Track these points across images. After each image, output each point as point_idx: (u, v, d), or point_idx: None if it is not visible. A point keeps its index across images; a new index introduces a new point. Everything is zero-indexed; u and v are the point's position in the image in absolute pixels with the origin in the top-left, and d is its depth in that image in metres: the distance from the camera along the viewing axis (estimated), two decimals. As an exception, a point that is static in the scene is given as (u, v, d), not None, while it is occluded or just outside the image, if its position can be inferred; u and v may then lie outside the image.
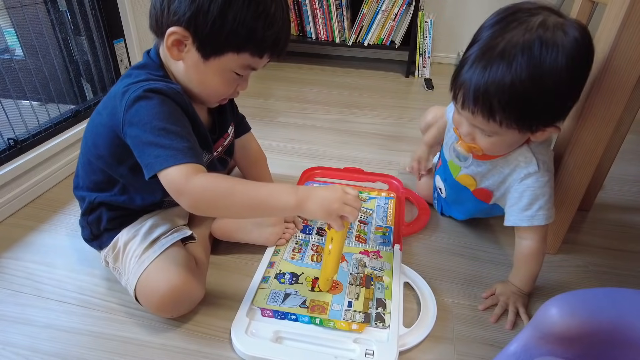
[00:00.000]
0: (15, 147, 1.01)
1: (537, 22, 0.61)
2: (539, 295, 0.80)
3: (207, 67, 0.66)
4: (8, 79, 1.01)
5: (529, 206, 0.74)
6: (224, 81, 0.69)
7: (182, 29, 0.62)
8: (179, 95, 0.65)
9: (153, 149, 0.61)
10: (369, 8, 1.96)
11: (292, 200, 0.62)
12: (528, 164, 0.73)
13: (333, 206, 0.62)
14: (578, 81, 0.65)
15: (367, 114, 1.63)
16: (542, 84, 0.61)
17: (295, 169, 1.18)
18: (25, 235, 0.93)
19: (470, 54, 0.66)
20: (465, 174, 0.84)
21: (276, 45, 0.66)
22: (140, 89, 0.62)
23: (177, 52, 0.65)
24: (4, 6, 0.99)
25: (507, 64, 0.60)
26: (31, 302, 0.76)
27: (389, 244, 0.88)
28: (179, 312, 0.71)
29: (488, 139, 0.70)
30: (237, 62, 0.66)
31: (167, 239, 0.74)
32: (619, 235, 0.99)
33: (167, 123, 0.62)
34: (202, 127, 0.72)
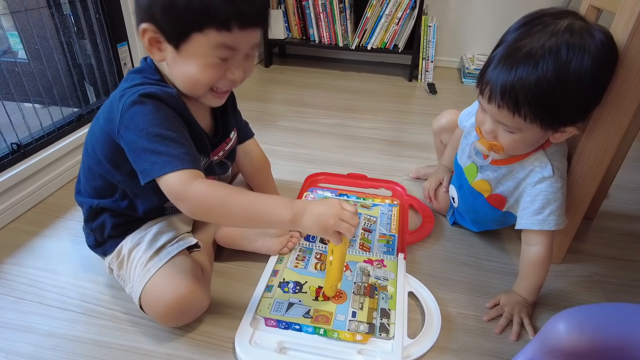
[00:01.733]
0: (18, 151, 1.01)
1: (563, 25, 0.64)
2: (544, 305, 0.80)
3: (183, 57, 0.63)
4: (12, 82, 1.00)
5: (540, 210, 0.74)
6: (203, 67, 0.63)
7: (147, 23, 0.61)
8: (173, 98, 0.65)
9: (149, 155, 0.61)
10: (372, 12, 1.96)
11: (288, 214, 0.62)
12: (543, 168, 0.75)
13: (329, 222, 0.62)
14: (601, 84, 0.68)
15: (369, 119, 1.63)
16: (567, 84, 0.63)
17: (298, 174, 1.17)
18: (28, 240, 0.93)
19: (497, 53, 0.68)
20: (481, 179, 0.84)
21: (240, 13, 0.59)
22: (136, 94, 0.62)
23: (157, 52, 0.64)
24: (8, 10, 0.99)
25: (534, 65, 0.63)
26: (34, 310, 0.76)
27: (393, 252, 0.88)
28: (184, 321, 0.71)
29: (510, 136, 0.71)
30: (207, 43, 0.61)
31: (173, 247, 0.74)
32: (624, 245, 0.99)
33: (162, 129, 0.61)
34: (198, 130, 0.71)
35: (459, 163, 0.91)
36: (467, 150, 0.87)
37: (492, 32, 2.16)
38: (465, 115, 0.91)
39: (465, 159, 0.88)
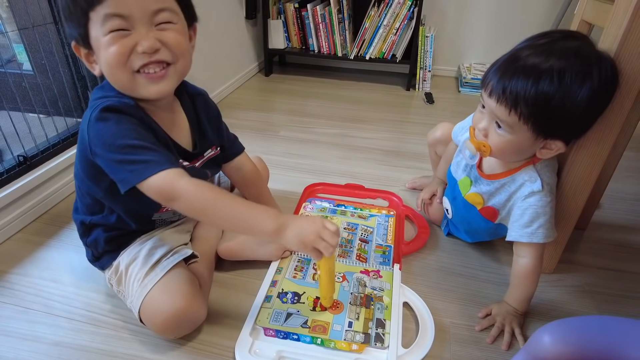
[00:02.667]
0: (24, 163, 1.04)
1: (573, 46, 0.66)
2: (535, 316, 0.82)
3: (97, 54, 0.64)
4: (18, 94, 1.03)
5: (530, 223, 0.77)
6: (107, 48, 0.61)
7: (73, 42, 0.65)
8: (132, 108, 0.67)
9: (125, 165, 0.62)
10: (370, 22, 1.99)
11: (273, 226, 0.63)
12: (533, 183, 0.77)
13: (308, 238, 0.64)
14: (594, 113, 0.70)
15: (367, 128, 1.66)
16: (563, 103, 0.66)
17: (297, 184, 1.20)
18: (33, 251, 0.95)
19: (504, 56, 0.72)
20: (475, 192, 0.87)
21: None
22: (97, 110, 0.64)
23: (95, 66, 0.66)
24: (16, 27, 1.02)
25: (536, 78, 0.66)
26: (40, 319, 0.79)
27: (389, 263, 0.90)
28: (182, 333, 0.74)
29: (500, 137, 0.73)
30: (98, 21, 0.60)
31: (168, 260, 0.76)
32: (615, 255, 1.01)
33: (129, 139, 0.63)
34: (163, 139, 0.71)
35: (453, 176, 0.93)
36: (462, 164, 0.89)
37: (488, 41, 2.20)
38: (459, 129, 0.94)
39: (460, 172, 0.91)
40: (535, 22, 2.08)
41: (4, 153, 1.05)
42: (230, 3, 1.89)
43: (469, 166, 0.88)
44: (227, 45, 1.92)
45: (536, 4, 2.06)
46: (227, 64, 1.95)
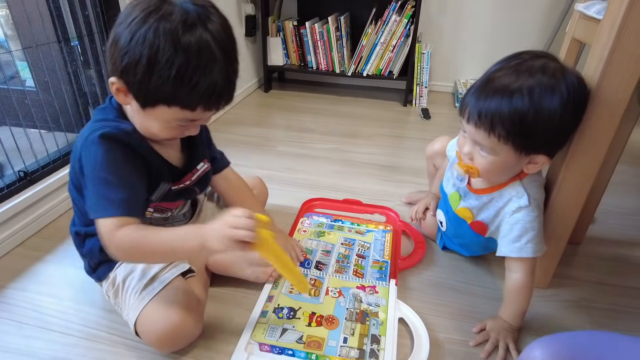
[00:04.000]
0: (25, 178, 1.05)
1: (538, 64, 0.69)
2: (529, 331, 0.83)
3: (146, 115, 0.67)
4: (20, 110, 1.05)
5: (518, 238, 0.78)
6: (165, 129, 0.69)
7: (117, 79, 0.65)
8: (128, 135, 0.69)
9: (92, 195, 0.67)
10: (368, 40, 2.03)
11: (196, 244, 0.66)
12: (520, 198, 0.79)
13: (226, 235, 0.64)
14: (570, 123, 0.73)
15: (364, 144, 1.68)
16: (537, 118, 0.68)
17: (295, 199, 1.21)
18: (31, 265, 0.96)
19: (477, 81, 0.74)
20: (464, 207, 0.88)
21: (208, 99, 0.64)
22: (94, 133, 0.66)
23: (123, 98, 0.68)
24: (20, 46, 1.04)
25: (509, 97, 0.69)
26: (37, 335, 0.79)
27: (385, 278, 0.91)
28: (178, 347, 0.74)
29: (485, 159, 0.76)
30: (171, 115, 0.66)
31: (166, 275, 0.76)
32: (610, 270, 1.01)
33: (107, 173, 0.67)
34: (156, 162, 0.74)
35: (444, 190, 0.95)
36: (452, 179, 0.91)
37: (484, 58, 2.23)
38: (451, 145, 0.96)
39: (450, 186, 0.93)
40: (530, 39, 2.12)
41: (4, 168, 1.07)
42: (230, 21, 1.90)
43: (458, 181, 0.89)
44: (226, 62, 1.95)
45: (530, 22, 2.10)
46: (226, 80, 1.98)
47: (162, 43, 0.59)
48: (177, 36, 0.59)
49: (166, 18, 0.60)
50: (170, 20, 0.60)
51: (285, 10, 2.28)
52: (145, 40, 0.60)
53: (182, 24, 0.60)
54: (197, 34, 0.60)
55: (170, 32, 0.59)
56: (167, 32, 0.59)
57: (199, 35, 0.60)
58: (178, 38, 0.59)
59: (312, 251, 0.99)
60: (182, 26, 0.60)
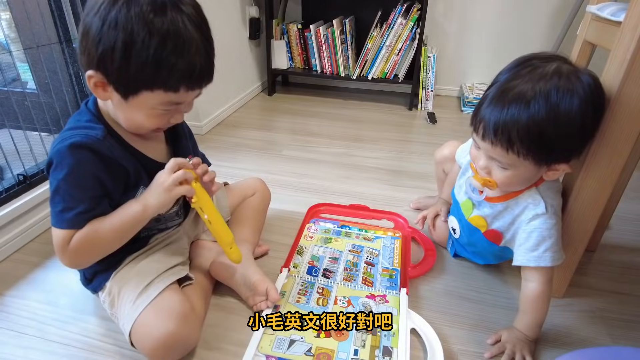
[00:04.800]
0: (24, 182, 1.03)
1: (552, 68, 0.66)
2: (546, 342, 0.80)
3: (129, 106, 0.66)
4: (20, 113, 1.03)
5: (536, 247, 0.75)
6: (149, 117, 0.68)
7: (94, 72, 0.63)
8: (99, 142, 0.67)
9: (53, 204, 0.67)
10: (373, 43, 2.01)
11: (138, 207, 0.70)
12: (536, 205, 0.76)
13: (165, 184, 0.69)
14: (590, 125, 0.69)
15: (370, 148, 1.65)
16: (557, 124, 0.65)
17: (300, 204, 1.18)
18: (30, 272, 0.93)
19: (489, 92, 0.71)
20: (477, 215, 0.85)
21: (189, 78, 0.64)
22: (64, 144, 0.65)
23: (102, 93, 0.66)
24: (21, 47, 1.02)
25: (525, 105, 0.65)
26: (34, 345, 0.76)
27: (396, 287, 0.88)
28: (173, 357, 0.71)
29: (503, 173, 0.73)
30: (155, 100, 0.65)
31: (161, 282, 0.74)
32: (625, 278, 0.98)
33: (71, 186, 0.66)
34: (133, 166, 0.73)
35: (456, 198, 0.92)
36: (464, 186, 0.88)
37: (490, 61, 2.21)
38: (461, 151, 0.93)
39: (462, 195, 0.90)
40: (537, 42, 2.09)
41: (4, 171, 1.04)
42: (234, 24, 1.91)
43: (471, 189, 0.86)
44: (230, 65, 1.93)
45: (537, 25, 2.08)
46: (230, 84, 1.96)
47: (135, 25, 0.59)
48: (149, 19, 0.59)
49: (134, 1, 0.59)
50: (139, 4, 0.59)
51: (289, 13, 2.26)
52: (117, 24, 0.59)
53: (151, 6, 0.59)
54: (169, 15, 0.60)
55: (141, 15, 0.59)
56: (138, 16, 0.59)
57: (171, 17, 0.60)
58: (150, 20, 0.59)
59: (319, 258, 0.96)
60: (152, 9, 0.59)
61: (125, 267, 0.77)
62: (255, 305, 0.81)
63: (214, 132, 1.76)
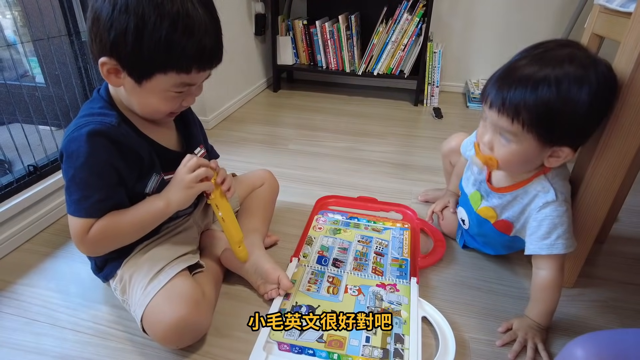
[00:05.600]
0: (34, 173, 1.03)
1: (565, 53, 0.66)
2: (557, 331, 0.79)
3: (143, 90, 0.67)
4: (31, 105, 1.03)
5: (548, 235, 0.75)
6: (163, 101, 0.69)
7: (108, 58, 0.63)
8: (114, 129, 0.67)
9: (69, 193, 0.68)
10: (379, 39, 2.01)
11: (161, 203, 0.72)
12: (546, 193, 0.76)
13: (186, 180, 0.72)
14: (597, 115, 0.69)
15: (376, 142, 1.65)
16: (564, 110, 0.65)
17: (308, 197, 1.19)
18: (41, 261, 0.93)
19: (501, 68, 0.72)
20: (486, 206, 0.85)
21: (200, 58, 0.65)
22: (81, 131, 0.65)
23: (115, 79, 0.66)
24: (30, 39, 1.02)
25: (533, 87, 0.65)
26: (46, 331, 0.76)
27: (406, 276, 0.88)
28: (184, 343, 0.71)
29: (506, 148, 0.72)
30: (168, 82, 0.66)
31: (172, 268, 0.74)
32: (635, 269, 0.98)
33: (89, 174, 0.66)
34: (146, 153, 0.73)
35: (464, 191, 0.92)
36: (471, 178, 0.88)
37: (496, 57, 2.20)
38: (467, 143, 0.94)
39: (470, 186, 0.90)
40: (543, 37, 2.07)
41: (14, 163, 1.05)
42: (240, 20, 1.91)
43: (478, 181, 0.87)
44: (236, 61, 1.93)
45: (543, 20, 2.07)
46: (236, 80, 1.96)
47: (145, 8, 0.59)
48: (159, 2, 0.59)
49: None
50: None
51: (295, 9, 2.26)
52: (128, 7, 0.59)
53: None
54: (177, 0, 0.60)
55: None
56: None
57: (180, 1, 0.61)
58: (160, 3, 0.60)
59: (328, 248, 0.96)
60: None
61: (136, 254, 0.77)
62: (266, 293, 0.82)
63: (220, 127, 1.77)
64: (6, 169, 1.07)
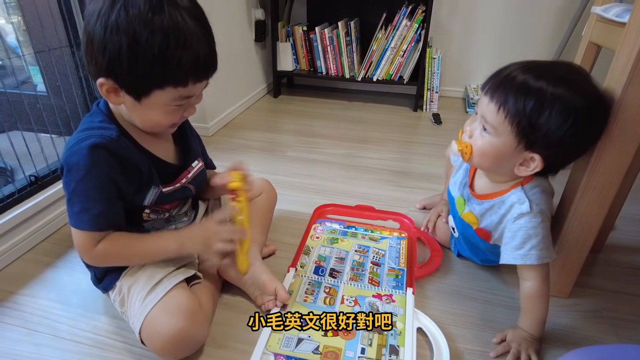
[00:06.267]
0: (36, 183, 1.05)
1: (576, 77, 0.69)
2: (552, 341, 0.80)
3: (143, 107, 0.67)
4: (32, 115, 1.05)
5: (522, 245, 0.76)
6: (164, 115, 0.70)
7: (105, 79, 0.64)
8: (115, 142, 0.68)
9: (71, 205, 0.69)
10: (378, 45, 2.02)
11: (174, 246, 0.76)
12: (521, 204, 0.77)
13: (210, 244, 0.77)
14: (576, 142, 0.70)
15: (375, 149, 1.66)
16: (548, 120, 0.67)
17: (306, 205, 1.19)
18: (41, 271, 0.95)
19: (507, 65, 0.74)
20: (469, 211, 0.87)
21: (196, 69, 0.65)
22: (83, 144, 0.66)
23: (115, 98, 0.67)
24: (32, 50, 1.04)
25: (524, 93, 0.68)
26: (47, 342, 0.77)
27: (402, 287, 0.88)
28: (182, 354, 0.72)
29: (484, 139, 0.75)
30: (167, 97, 0.66)
31: (170, 280, 0.75)
32: (631, 278, 0.98)
33: (90, 187, 0.68)
34: (145, 166, 0.74)
35: (451, 195, 0.94)
36: (457, 183, 0.91)
37: (495, 63, 2.19)
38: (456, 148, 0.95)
39: (456, 191, 0.92)
40: (542, 43, 2.09)
41: (15, 172, 1.06)
42: (240, 26, 1.92)
43: (462, 185, 0.89)
44: (236, 67, 1.95)
45: (542, 26, 2.08)
46: (236, 86, 1.98)
47: (136, 27, 0.60)
48: (148, 18, 0.60)
49: (131, 3, 0.60)
50: (136, 5, 0.60)
51: (295, 16, 2.27)
52: (119, 28, 0.60)
53: (148, 5, 0.60)
54: (167, 11, 0.61)
55: (140, 15, 0.60)
56: (137, 17, 0.60)
57: (169, 12, 0.61)
58: (150, 19, 0.60)
59: (325, 258, 0.97)
60: (150, 7, 0.60)
61: (135, 267, 0.78)
62: (263, 304, 0.83)
63: (220, 134, 1.78)
64: (8, 177, 1.08)
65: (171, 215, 0.84)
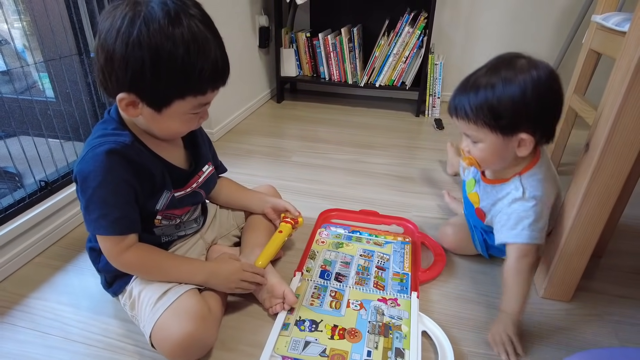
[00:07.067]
0: (46, 188, 1.06)
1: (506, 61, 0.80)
2: (554, 344, 0.81)
3: (163, 117, 0.69)
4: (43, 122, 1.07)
5: (514, 226, 0.82)
6: (183, 123, 0.72)
7: (126, 94, 0.65)
8: (129, 148, 0.70)
9: (88, 212, 0.70)
10: (380, 51, 2.04)
11: (202, 278, 0.79)
12: (516, 191, 0.84)
13: (231, 284, 0.81)
14: (537, 105, 0.76)
15: (379, 154, 1.68)
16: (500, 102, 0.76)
17: (310, 209, 1.21)
18: (52, 275, 0.96)
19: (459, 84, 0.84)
20: (475, 192, 0.95)
21: (215, 77, 0.68)
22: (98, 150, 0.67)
23: (132, 111, 0.68)
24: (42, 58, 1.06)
25: (475, 92, 0.78)
26: (58, 345, 0.79)
27: (407, 291, 0.90)
28: (191, 358, 0.74)
29: (477, 147, 0.83)
30: (187, 106, 0.68)
31: (180, 286, 0.77)
32: (632, 282, 1.00)
33: (108, 193, 0.69)
34: (160, 168, 0.75)
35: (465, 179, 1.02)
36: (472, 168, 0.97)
37: (496, 69, 2.23)
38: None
39: (469, 175, 0.99)
40: (542, 49, 2.11)
41: (24, 176, 1.08)
42: (244, 32, 1.95)
43: (475, 171, 0.96)
44: (240, 73, 1.97)
45: (543, 32, 2.10)
46: (241, 92, 2.00)
47: (158, 41, 0.61)
48: (169, 31, 0.61)
49: (150, 18, 0.61)
50: (156, 20, 0.61)
51: (298, 22, 2.30)
52: (141, 44, 0.61)
53: (167, 18, 0.61)
54: (184, 23, 0.62)
55: (160, 31, 0.61)
56: (158, 32, 0.61)
57: (187, 23, 0.63)
58: (171, 33, 0.61)
59: (331, 262, 0.98)
60: (169, 21, 0.61)
61: None
62: (271, 307, 0.84)
63: (225, 139, 1.80)
64: (17, 182, 1.10)
65: (182, 221, 0.86)
